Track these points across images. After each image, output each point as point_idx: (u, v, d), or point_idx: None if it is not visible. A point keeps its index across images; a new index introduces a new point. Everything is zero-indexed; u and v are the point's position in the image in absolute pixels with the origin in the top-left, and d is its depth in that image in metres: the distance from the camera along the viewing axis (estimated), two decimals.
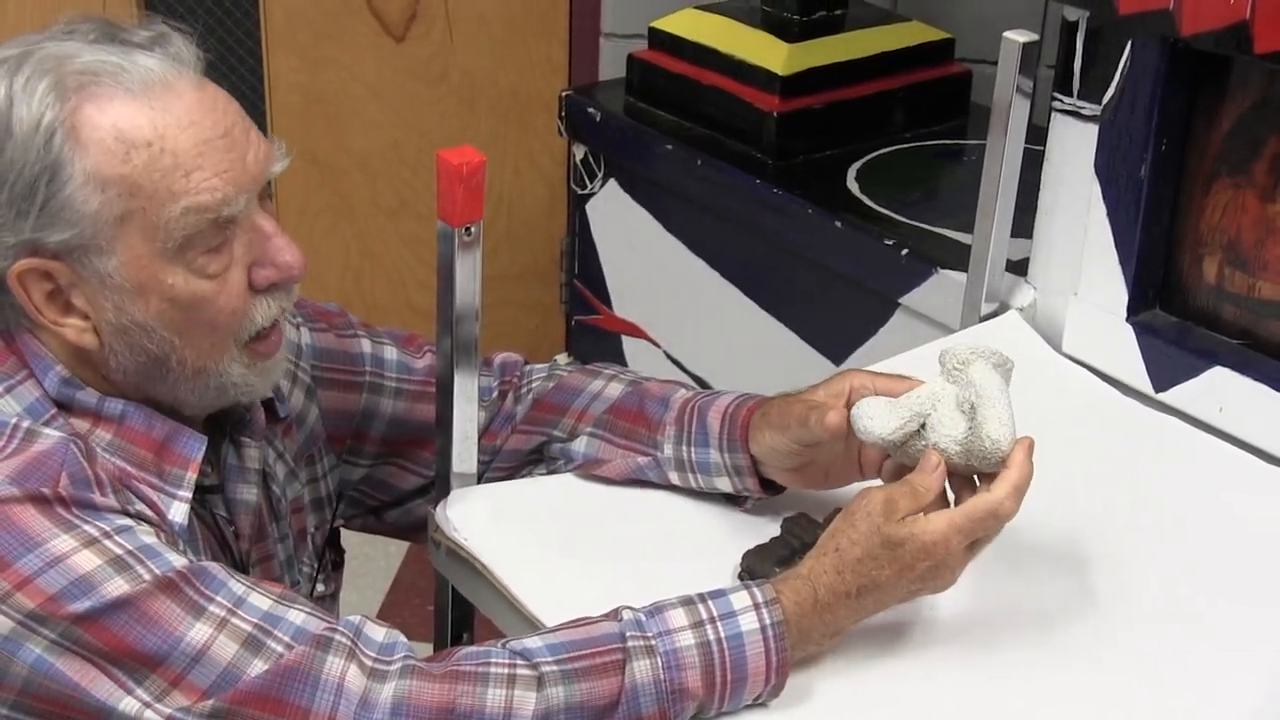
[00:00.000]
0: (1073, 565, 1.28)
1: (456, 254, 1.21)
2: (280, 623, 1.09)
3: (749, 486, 1.29)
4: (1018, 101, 1.55)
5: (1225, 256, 1.51)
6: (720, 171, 2.15)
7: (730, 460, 1.29)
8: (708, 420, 1.30)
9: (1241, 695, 1.16)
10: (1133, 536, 1.33)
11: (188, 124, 1.13)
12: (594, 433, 1.36)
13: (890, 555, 1.12)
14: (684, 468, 1.32)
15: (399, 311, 2.92)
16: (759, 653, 1.10)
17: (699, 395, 1.34)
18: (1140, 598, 1.25)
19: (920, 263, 1.90)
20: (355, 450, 1.42)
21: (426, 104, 2.81)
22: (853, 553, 1.12)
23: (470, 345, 1.25)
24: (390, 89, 2.79)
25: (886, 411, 1.17)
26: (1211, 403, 1.48)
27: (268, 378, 1.23)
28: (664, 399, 1.34)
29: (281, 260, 1.19)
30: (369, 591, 2.70)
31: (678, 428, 1.32)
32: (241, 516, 1.27)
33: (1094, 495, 1.38)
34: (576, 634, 1.11)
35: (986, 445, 1.13)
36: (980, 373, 1.16)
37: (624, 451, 1.35)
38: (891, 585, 1.13)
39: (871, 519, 1.13)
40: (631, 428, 1.35)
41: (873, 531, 1.12)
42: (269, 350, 1.21)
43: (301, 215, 2.85)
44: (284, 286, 1.20)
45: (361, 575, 2.71)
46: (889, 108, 2.25)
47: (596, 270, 2.46)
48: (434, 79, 2.80)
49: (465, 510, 1.31)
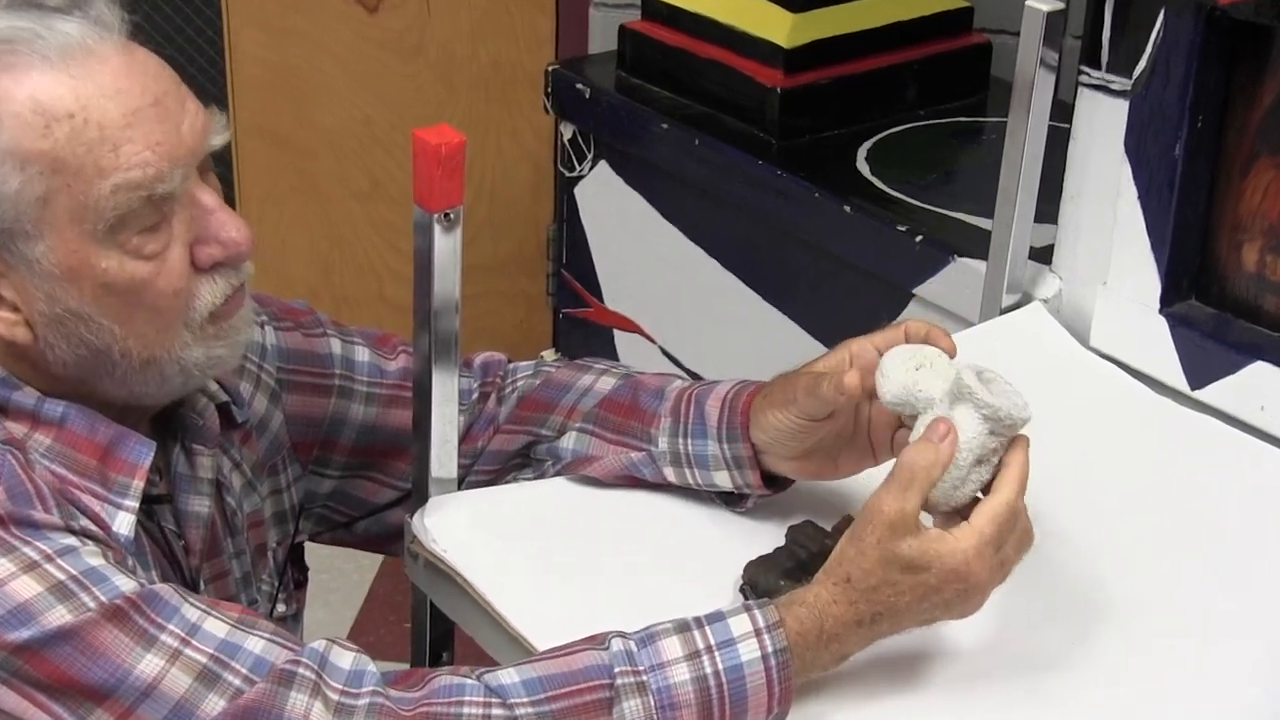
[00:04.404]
0: (1101, 578, 1.28)
1: (434, 242, 1.20)
2: (238, 652, 1.08)
3: (750, 481, 1.29)
4: (1042, 75, 1.55)
5: (1266, 242, 1.52)
6: (719, 152, 2.15)
7: (730, 451, 1.28)
8: (705, 409, 1.29)
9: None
10: (1167, 546, 1.33)
11: (113, 93, 1.11)
12: (583, 428, 1.36)
13: (913, 580, 1.10)
14: (680, 462, 1.32)
15: (371, 305, 2.92)
16: (760, 685, 1.10)
17: (697, 384, 1.33)
18: (1176, 612, 1.26)
19: (936, 250, 1.90)
20: (323, 460, 1.42)
21: (401, 79, 2.80)
22: (866, 582, 1.10)
23: (449, 341, 1.25)
24: (362, 63, 2.78)
25: (899, 361, 1.17)
26: (1252, 401, 1.48)
27: (233, 342, 1.21)
28: (659, 390, 1.34)
29: (225, 236, 1.18)
30: (340, 608, 2.70)
31: (673, 419, 1.31)
32: (192, 530, 1.26)
33: (1124, 502, 1.38)
34: (558, 667, 1.10)
35: (1011, 415, 1.13)
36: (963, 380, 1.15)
37: (616, 447, 1.34)
38: (913, 610, 1.12)
39: (883, 546, 1.10)
40: (624, 422, 1.34)
41: (888, 559, 1.10)
42: (231, 309, 1.20)
43: (265, 200, 2.85)
44: (231, 264, 1.19)
45: (332, 590, 2.71)
46: (902, 82, 2.25)
47: (586, 259, 2.46)
48: (409, 52, 2.79)
49: (444, 519, 1.30)
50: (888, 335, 1.23)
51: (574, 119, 2.38)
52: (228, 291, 1.19)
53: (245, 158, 2.82)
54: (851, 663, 1.15)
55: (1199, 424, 1.50)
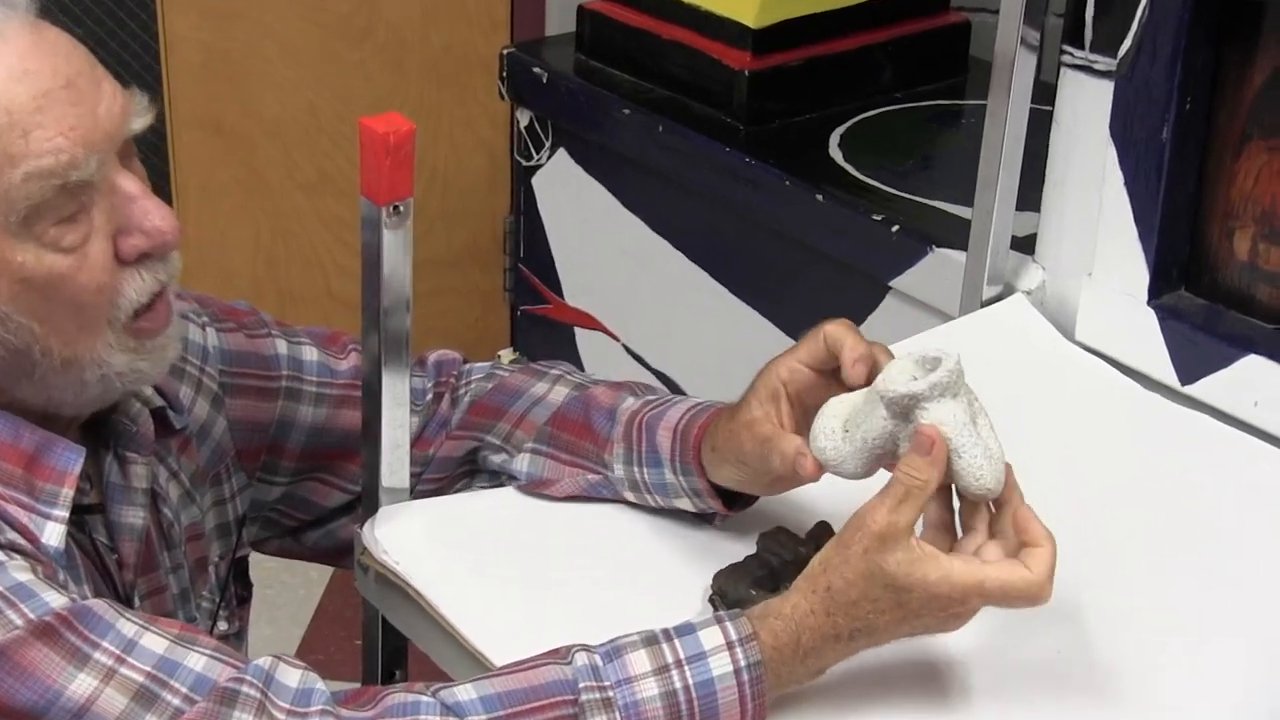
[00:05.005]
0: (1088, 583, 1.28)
1: (383, 236, 1.20)
2: (178, 670, 1.08)
3: (712, 506, 1.29)
4: (1023, 56, 1.56)
5: (1259, 230, 1.52)
6: (685, 139, 2.15)
7: (687, 483, 1.29)
8: (657, 439, 1.30)
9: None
10: (1157, 551, 1.33)
11: (21, 74, 1.10)
12: (537, 449, 1.36)
13: (895, 600, 1.10)
14: (638, 489, 1.32)
15: (318, 302, 2.91)
16: (732, 700, 1.10)
17: (647, 406, 1.33)
18: (1168, 614, 1.26)
19: (913, 241, 1.91)
20: (271, 467, 1.41)
21: (348, 64, 2.80)
22: (847, 595, 1.10)
23: (400, 341, 1.25)
24: (306, 46, 2.78)
25: (844, 443, 1.16)
26: (1245, 396, 1.49)
27: (158, 359, 1.21)
28: (611, 411, 1.34)
29: (150, 225, 1.17)
30: (286, 625, 2.69)
31: (625, 445, 1.32)
32: (126, 543, 1.25)
33: (1112, 504, 1.38)
34: (518, 682, 1.10)
35: (962, 481, 1.12)
36: (934, 414, 1.12)
37: (571, 469, 1.35)
38: (891, 629, 1.11)
39: (869, 557, 1.09)
40: (576, 441, 1.35)
41: (874, 572, 1.09)
42: (156, 325, 1.19)
43: (205, 192, 2.84)
44: (157, 255, 1.18)
45: (278, 606, 2.70)
46: (876, 64, 2.25)
47: (545, 253, 2.45)
48: (357, 35, 2.79)
49: (396, 529, 1.30)
50: (810, 349, 1.22)
51: (531, 105, 2.38)
52: (154, 288, 1.18)
53: (182, 148, 2.80)
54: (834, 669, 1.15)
55: (1189, 421, 1.51)
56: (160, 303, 1.20)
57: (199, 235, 2.80)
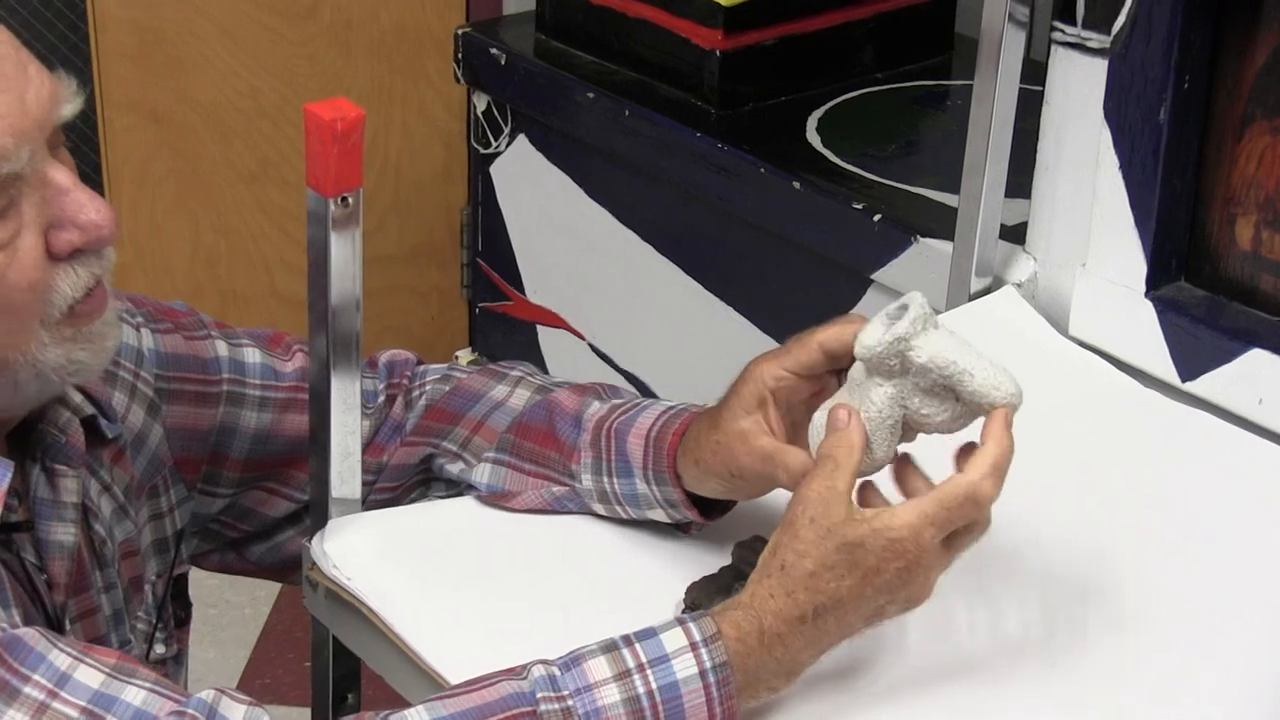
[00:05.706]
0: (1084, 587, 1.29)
1: (331, 230, 1.20)
2: (115, 704, 1.07)
3: (687, 517, 1.30)
4: (1011, 32, 1.56)
5: (1262, 216, 1.53)
6: (653, 123, 2.15)
7: (661, 494, 1.29)
8: (628, 447, 1.30)
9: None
10: (1157, 551, 1.34)
11: None
12: (498, 459, 1.37)
13: (849, 560, 1.12)
14: (608, 500, 1.33)
15: (262, 300, 2.91)
16: (699, 704, 1.10)
17: (616, 412, 1.33)
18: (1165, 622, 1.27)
19: (896, 231, 1.91)
20: (212, 477, 1.41)
21: (291, 45, 2.79)
22: (802, 566, 1.12)
23: (350, 342, 1.25)
24: (246, 27, 2.77)
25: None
26: (1249, 392, 1.50)
27: (98, 348, 1.20)
28: (576, 418, 1.34)
29: (84, 219, 1.16)
30: (231, 646, 2.69)
31: (594, 454, 1.32)
32: (55, 562, 1.25)
33: (1110, 506, 1.39)
34: (473, 701, 1.10)
35: (987, 398, 1.14)
36: (928, 348, 1.15)
37: (535, 479, 1.35)
38: (855, 599, 1.13)
39: (816, 524, 1.12)
40: (540, 450, 1.35)
41: (822, 536, 1.12)
42: (93, 310, 1.19)
43: (140, 184, 2.83)
44: (92, 250, 1.18)
45: (221, 626, 2.70)
46: (856, 42, 2.26)
47: (505, 247, 2.45)
48: (300, 15, 2.78)
49: (347, 543, 1.30)
50: (800, 357, 1.22)
51: (488, 88, 2.38)
52: (89, 283, 1.18)
53: (114, 136, 2.79)
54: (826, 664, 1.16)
55: (1190, 419, 1.52)
56: (98, 289, 1.19)
57: (133, 230, 2.79)
